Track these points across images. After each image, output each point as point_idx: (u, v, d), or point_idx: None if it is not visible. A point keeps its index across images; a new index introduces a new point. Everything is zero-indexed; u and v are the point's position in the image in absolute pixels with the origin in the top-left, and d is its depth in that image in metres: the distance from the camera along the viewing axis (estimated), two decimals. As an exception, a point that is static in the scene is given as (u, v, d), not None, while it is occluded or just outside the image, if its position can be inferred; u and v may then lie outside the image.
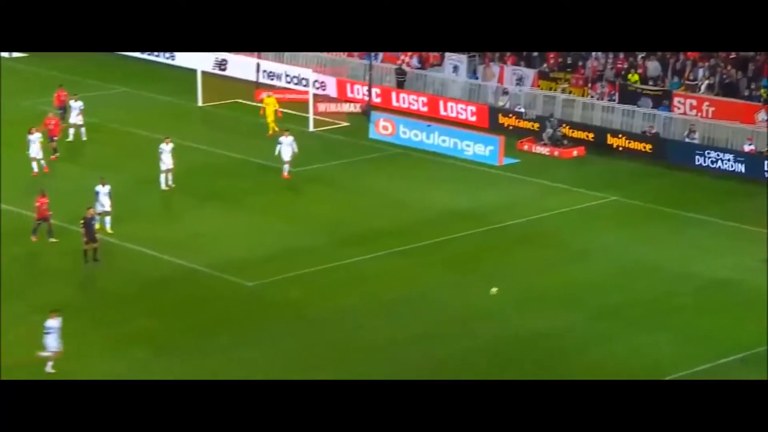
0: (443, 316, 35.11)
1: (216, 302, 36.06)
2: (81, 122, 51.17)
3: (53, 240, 39.92)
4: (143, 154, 48.23)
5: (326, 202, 45.32)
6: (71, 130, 51.10)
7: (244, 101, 57.24)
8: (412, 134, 52.35)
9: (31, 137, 46.25)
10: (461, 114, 55.41)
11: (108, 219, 40.65)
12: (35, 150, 46.24)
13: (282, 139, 46.72)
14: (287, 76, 59.46)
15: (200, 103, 57.45)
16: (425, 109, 56.34)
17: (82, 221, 38.24)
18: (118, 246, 39.98)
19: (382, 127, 53.04)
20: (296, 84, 58.58)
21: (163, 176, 45.43)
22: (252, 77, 59.16)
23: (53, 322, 31.08)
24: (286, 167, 46.55)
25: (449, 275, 38.31)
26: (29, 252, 39.56)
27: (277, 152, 46.59)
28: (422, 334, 33.81)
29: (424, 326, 34.38)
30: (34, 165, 46.42)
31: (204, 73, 58.14)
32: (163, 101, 58.31)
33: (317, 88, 57.14)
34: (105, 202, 40.66)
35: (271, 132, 51.79)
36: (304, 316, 35.04)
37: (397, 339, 33.50)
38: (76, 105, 51.31)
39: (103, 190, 40.73)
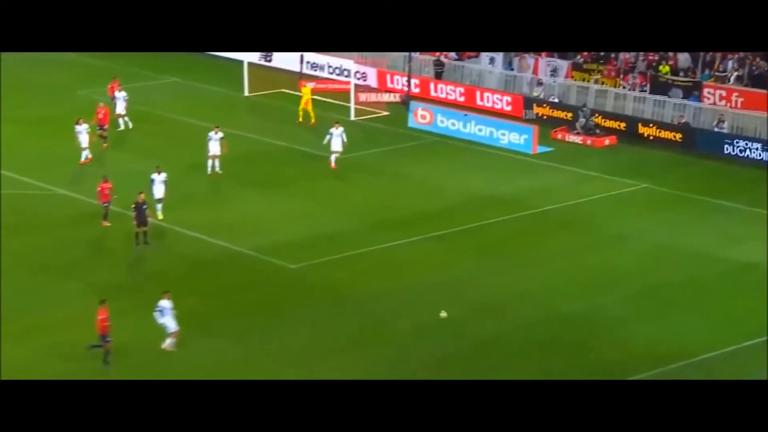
0: (480, 298, 35.07)
1: (261, 284, 36.19)
2: (124, 112, 51.33)
3: (107, 224, 40.13)
4: (192, 141, 48.45)
5: (366, 188, 45.35)
6: (120, 120, 51.36)
7: (288, 91, 57.28)
8: (449, 123, 52.27)
9: (78, 128, 46.41)
10: (497, 104, 55.26)
11: (160, 206, 40.77)
12: (83, 140, 46.37)
13: (332, 130, 46.64)
14: (330, 67, 59.52)
15: (247, 93, 57.62)
16: (462, 99, 56.22)
17: (133, 206, 38.47)
18: (167, 230, 40.21)
19: (420, 117, 52.99)
20: (338, 75, 58.60)
21: (209, 162, 45.65)
22: (296, 68, 59.25)
23: (165, 303, 31.23)
24: (334, 157, 46.47)
25: (485, 259, 38.25)
26: (84, 236, 39.79)
27: (325, 142, 46.50)
28: (459, 316, 33.76)
29: (461, 308, 34.31)
30: (84, 154, 46.52)
31: (250, 64, 58.28)
32: (211, 91, 58.51)
33: (359, 79, 57.19)
34: (160, 190, 40.77)
35: (313, 120, 51.96)
36: (344, 297, 35.10)
37: (433, 321, 33.41)
38: (120, 95, 51.57)
39: (159, 177, 40.82)
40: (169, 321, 31.16)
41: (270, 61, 61.93)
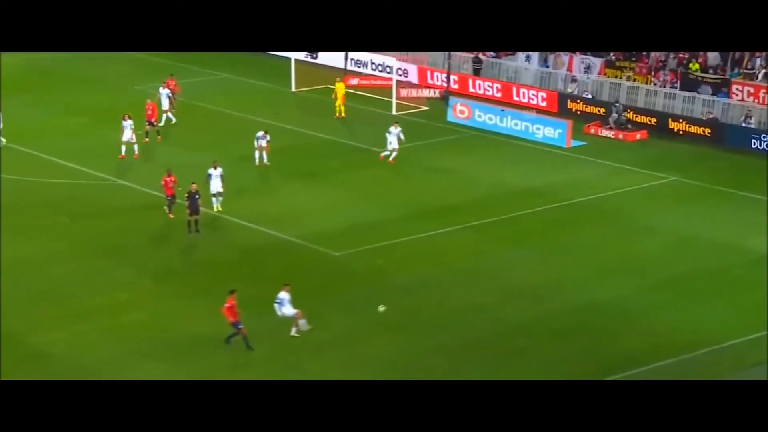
0: (512, 286, 35.18)
1: (306, 270, 36.44)
2: (168, 108, 51.77)
3: (170, 215, 40.27)
4: (241, 135, 48.79)
5: (407, 179, 45.53)
6: (170, 115, 51.78)
7: (333, 87, 57.51)
8: (486, 118, 52.32)
9: (124, 123, 46.77)
10: (533, 99, 55.26)
11: (215, 200, 40.91)
12: (127, 135, 46.72)
13: (392, 128, 46.87)
14: (373, 63, 59.73)
15: (294, 89, 57.97)
16: (499, 94, 56.27)
17: (186, 195, 38.89)
18: (218, 218, 40.59)
19: (459, 111, 53.09)
20: (381, 71, 58.77)
21: (257, 153, 46.00)
22: (341, 65, 59.50)
23: (284, 294, 31.55)
24: (385, 153, 46.65)
25: (519, 248, 38.34)
26: (139, 224, 40.22)
27: (389, 143, 46.59)
28: (492, 303, 33.91)
29: (494, 295, 34.47)
30: (134, 148, 46.83)
31: (297, 61, 58.65)
32: (259, 86, 58.91)
33: (400, 75, 57.39)
34: (216, 184, 40.98)
35: (338, 114, 52.31)
36: (385, 283, 35.31)
37: (467, 307, 33.60)
38: (164, 92, 52.00)
39: (215, 172, 41.02)
40: (287, 310, 31.41)
41: (316, 58, 62.27)
